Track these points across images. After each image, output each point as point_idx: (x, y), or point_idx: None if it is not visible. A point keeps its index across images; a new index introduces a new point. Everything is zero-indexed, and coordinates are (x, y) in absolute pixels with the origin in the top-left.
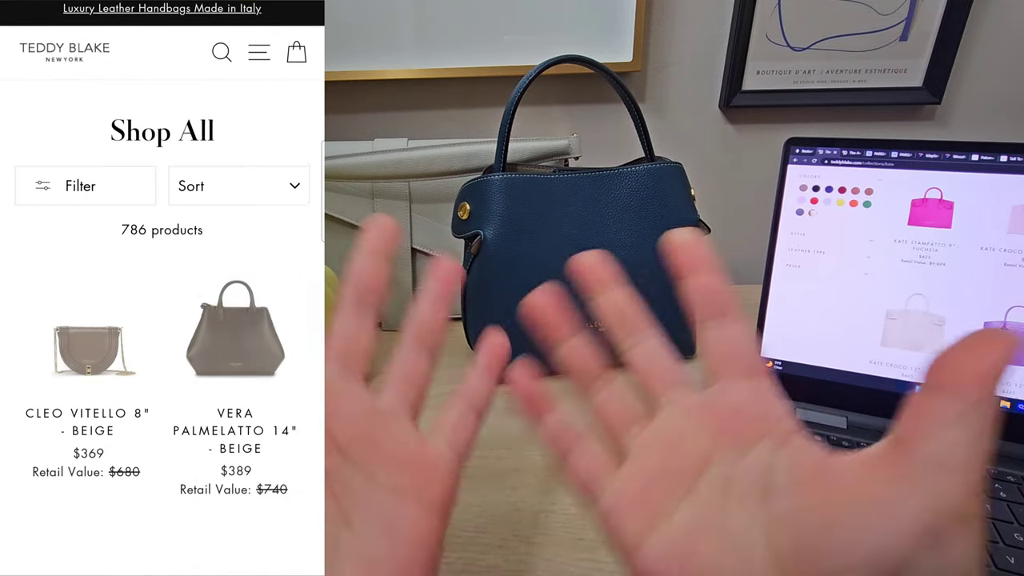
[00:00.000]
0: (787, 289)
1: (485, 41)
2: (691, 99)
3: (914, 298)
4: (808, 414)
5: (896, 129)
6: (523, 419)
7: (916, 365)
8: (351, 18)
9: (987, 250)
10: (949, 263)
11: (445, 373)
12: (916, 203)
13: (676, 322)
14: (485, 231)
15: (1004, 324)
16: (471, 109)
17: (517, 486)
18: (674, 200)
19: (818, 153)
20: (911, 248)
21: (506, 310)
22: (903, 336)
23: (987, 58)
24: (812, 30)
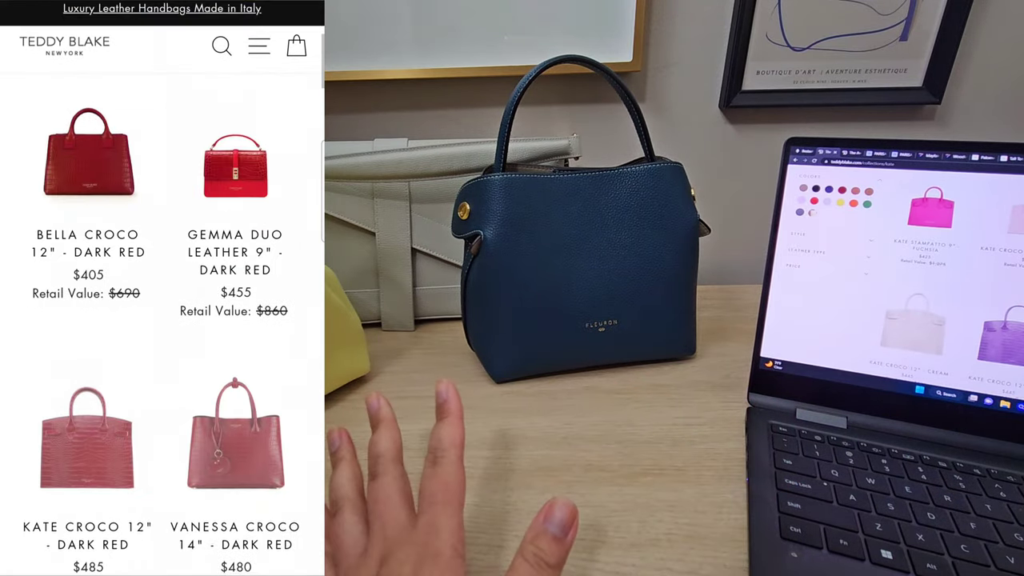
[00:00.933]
0: (787, 289)
1: (485, 41)
2: (691, 99)
3: (914, 298)
4: (808, 414)
5: (896, 129)
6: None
7: (916, 365)
8: (351, 18)
9: (987, 250)
10: (949, 263)
11: (445, 373)
12: (916, 203)
13: (676, 322)
14: (485, 231)
15: (1004, 324)
16: (471, 109)
17: (516, 486)
18: (674, 200)
19: (818, 153)
20: (911, 248)
21: (506, 310)
22: (903, 336)
23: (987, 58)
24: (812, 30)
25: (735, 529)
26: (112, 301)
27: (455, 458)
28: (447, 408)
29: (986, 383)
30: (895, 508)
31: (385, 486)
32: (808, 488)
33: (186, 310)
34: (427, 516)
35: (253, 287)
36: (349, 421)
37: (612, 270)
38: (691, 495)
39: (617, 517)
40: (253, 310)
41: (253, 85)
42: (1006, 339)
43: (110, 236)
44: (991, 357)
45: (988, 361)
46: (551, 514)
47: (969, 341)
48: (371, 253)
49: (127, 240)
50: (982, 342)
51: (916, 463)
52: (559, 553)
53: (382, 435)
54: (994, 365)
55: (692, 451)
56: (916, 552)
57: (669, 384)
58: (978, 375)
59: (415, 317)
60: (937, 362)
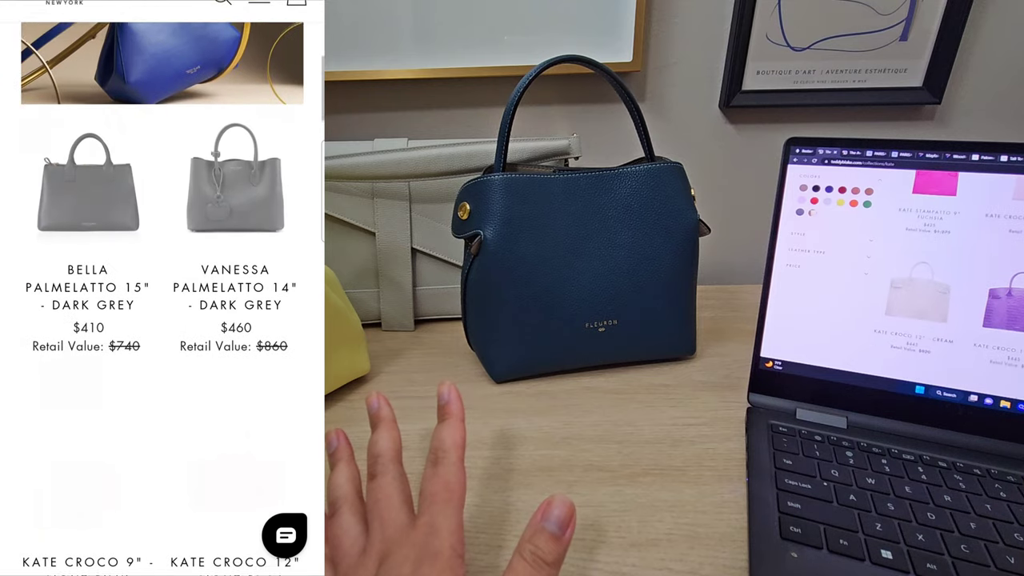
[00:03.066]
0: (787, 289)
1: (485, 41)
2: (691, 99)
3: (919, 266)
4: (808, 414)
5: (896, 129)
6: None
7: (921, 334)
8: (351, 18)
9: (992, 217)
10: (954, 231)
11: (445, 373)
12: (921, 172)
13: (676, 322)
14: (485, 231)
15: (1009, 291)
16: (471, 109)
17: (516, 486)
18: (674, 200)
19: (818, 153)
20: (916, 216)
21: (506, 310)
22: (908, 305)
23: (987, 58)
24: (812, 30)
25: (735, 529)
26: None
27: (456, 459)
28: (449, 410)
29: (991, 350)
30: (895, 508)
31: (384, 486)
32: (808, 488)
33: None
34: (427, 516)
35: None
36: (349, 421)
37: (612, 270)
38: (691, 495)
39: (617, 517)
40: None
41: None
42: (1011, 306)
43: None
44: (996, 324)
45: (993, 328)
46: (548, 512)
47: (974, 308)
48: (371, 253)
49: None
50: (987, 309)
51: (916, 463)
52: (557, 551)
53: (381, 435)
54: (999, 332)
55: (692, 451)
56: (916, 552)
57: (669, 384)
58: (983, 342)
59: (415, 317)
60: (942, 330)
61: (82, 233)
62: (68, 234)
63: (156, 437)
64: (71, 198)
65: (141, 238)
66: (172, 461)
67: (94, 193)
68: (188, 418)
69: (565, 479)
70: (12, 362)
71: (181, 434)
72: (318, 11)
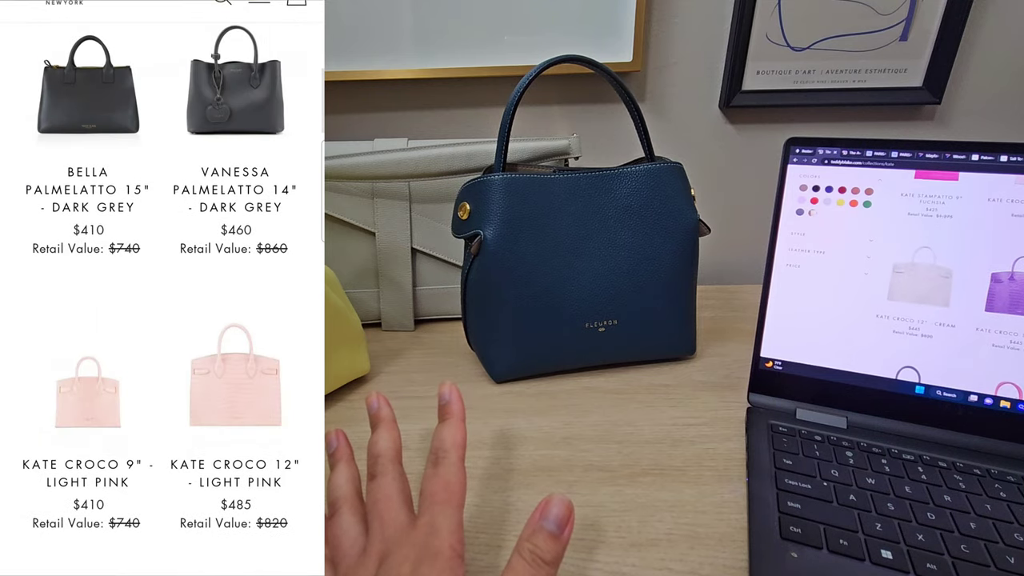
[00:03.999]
0: (787, 289)
1: (485, 41)
2: (691, 99)
3: (921, 251)
4: (808, 414)
5: (896, 129)
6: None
7: (923, 318)
8: (351, 18)
9: (994, 201)
10: (956, 215)
11: (445, 373)
12: (921, 172)
13: (676, 322)
14: (485, 231)
15: (1012, 275)
16: (471, 109)
17: (516, 486)
18: (674, 200)
19: (818, 153)
20: (918, 201)
21: (506, 310)
22: (910, 289)
23: (987, 58)
24: (812, 30)
25: (735, 529)
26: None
27: (457, 459)
28: (450, 410)
29: (993, 334)
30: (895, 508)
31: (384, 486)
32: (808, 488)
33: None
34: (427, 516)
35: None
36: (349, 421)
37: (612, 270)
38: (691, 495)
39: (617, 517)
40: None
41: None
42: (1013, 290)
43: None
44: (998, 308)
45: (995, 312)
46: (547, 511)
47: (976, 293)
48: (371, 253)
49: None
50: (989, 293)
51: (916, 463)
52: (555, 550)
53: (381, 435)
54: (1001, 316)
55: (692, 451)
56: (916, 552)
57: (669, 384)
58: (985, 326)
59: (415, 317)
60: (944, 314)
61: (82, 136)
62: (68, 136)
63: (156, 339)
64: (71, 100)
65: (141, 140)
66: (172, 363)
67: (94, 95)
68: (188, 320)
69: (565, 479)
70: (12, 264)
71: (181, 336)
72: (318, 11)
